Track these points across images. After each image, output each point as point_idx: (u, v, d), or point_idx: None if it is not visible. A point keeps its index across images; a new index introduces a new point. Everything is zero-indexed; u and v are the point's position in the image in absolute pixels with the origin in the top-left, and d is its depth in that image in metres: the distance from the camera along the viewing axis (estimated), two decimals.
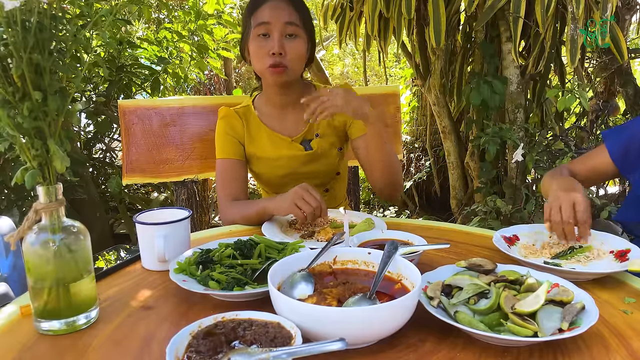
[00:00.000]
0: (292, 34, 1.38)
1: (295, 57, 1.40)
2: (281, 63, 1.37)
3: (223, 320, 0.74)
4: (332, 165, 1.57)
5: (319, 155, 1.52)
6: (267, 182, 1.58)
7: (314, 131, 1.52)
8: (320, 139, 1.52)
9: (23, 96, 0.73)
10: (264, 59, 1.38)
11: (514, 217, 2.32)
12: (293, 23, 1.38)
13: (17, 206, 2.56)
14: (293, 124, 1.52)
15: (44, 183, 0.78)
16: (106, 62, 3.06)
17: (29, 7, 0.71)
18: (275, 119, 1.53)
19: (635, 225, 1.35)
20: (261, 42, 1.38)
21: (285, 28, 1.37)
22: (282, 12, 1.37)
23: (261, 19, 1.38)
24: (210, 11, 3.73)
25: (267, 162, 1.52)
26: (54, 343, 0.78)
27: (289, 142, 1.51)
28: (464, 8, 2.67)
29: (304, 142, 1.52)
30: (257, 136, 1.52)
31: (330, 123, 1.52)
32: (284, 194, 1.29)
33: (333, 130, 1.53)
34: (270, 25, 1.37)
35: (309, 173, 1.52)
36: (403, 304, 0.73)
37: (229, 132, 1.51)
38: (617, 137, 1.32)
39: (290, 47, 1.38)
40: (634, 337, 0.79)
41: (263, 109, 1.54)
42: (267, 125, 1.52)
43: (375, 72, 7.16)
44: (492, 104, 2.40)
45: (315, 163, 1.53)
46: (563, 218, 1.09)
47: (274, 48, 1.36)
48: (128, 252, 1.14)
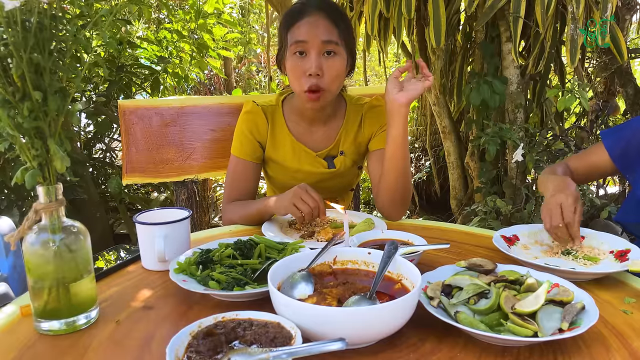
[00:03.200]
0: (330, 51, 1.31)
1: (334, 77, 1.33)
2: (318, 86, 1.30)
3: (223, 320, 0.74)
4: (349, 183, 1.56)
5: (340, 174, 1.49)
6: (279, 187, 1.54)
7: (339, 148, 1.48)
8: (344, 157, 1.48)
9: (23, 96, 0.73)
10: (300, 80, 1.32)
11: (514, 217, 2.32)
12: (331, 41, 1.30)
13: (17, 206, 2.56)
14: (320, 138, 1.48)
15: (44, 183, 0.78)
16: (106, 62, 3.06)
17: (29, 7, 0.71)
18: (303, 130, 1.47)
19: (634, 226, 1.35)
20: (298, 61, 1.31)
21: (323, 46, 1.29)
22: (320, 30, 1.29)
23: (298, 37, 1.30)
24: (210, 11, 3.73)
25: (284, 170, 1.48)
26: (54, 343, 0.78)
27: (313, 157, 1.46)
28: (464, 8, 2.67)
29: (328, 158, 1.48)
30: (280, 142, 1.46)
31: (356, 139, 1.48)
32: (283, 194, 1.28)
33: (357, 147, 1.49)
34: (307, 44, 1.29)
35: (324, 188, 1.46)
36: (403, 304, 0.73)
37: (251, 131, 1.45)
38: (616, 136, 1.32)
39: (328, 67, 1.31)
40: (634, 337, 0.79)
41: (291, 115, 1.47)
42: (293, 134, 1.46)
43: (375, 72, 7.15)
44: (492, 104, 2.40)
45: (333, 180, 1.50)
46: (552, 223, 1.10)
47: (311, 69, 1.29)
48: (128, 252, 1.14)
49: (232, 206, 1.41)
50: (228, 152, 1.52)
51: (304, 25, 1.30)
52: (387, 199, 1.36)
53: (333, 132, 1.48)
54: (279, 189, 1.55)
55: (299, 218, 1.23)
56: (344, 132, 1.48)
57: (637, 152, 1.28)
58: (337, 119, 1.49)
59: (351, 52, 1.39)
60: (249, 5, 6.24)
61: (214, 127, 1.83)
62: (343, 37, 1.34)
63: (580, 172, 1.34)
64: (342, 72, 1.36)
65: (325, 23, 1.30)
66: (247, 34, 6.03)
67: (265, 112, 1.46)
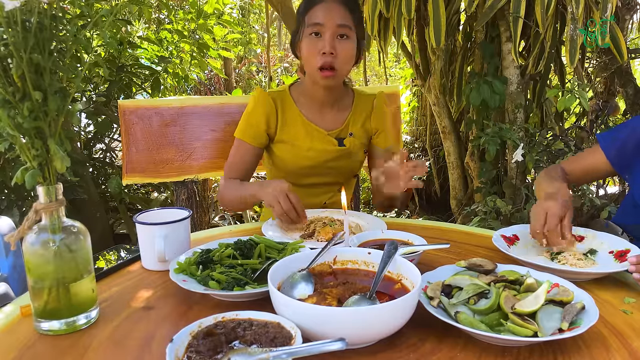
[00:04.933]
0: (343, 34, 1.39)
1: (346, 58, 1.41)
2: (332, 64, 1.38)
3: (223, 320, 0.74)
4: (356, 165, 1.62)
5: (349, 152, 1.55)
6: (289, 170, 1.57)
7: (348, 130, 1.55)
8: (353, 139, 1.55)
9: (23, 96, 0.73)
10: (315, 58, 1.39)
11: (514, 217, 2.32)
12: (346, 25, 1.38)
13: (17, 206, 2.56)
14: (330, 119, 1.54)
15: (44, 183, 0.78)
16: (106, 62, 3.06)
17: (29, 7, 0.71)
18: (313, 111, 1.54)
19: (633, 227, 1.35)
20: (313, 41, 1.39)
21: (337, 29, 1.37)
22: (336, 14, 1.38)
23: (314, 20, 1.38)
24: (210, 11, 3.73)
25: (296, 150, 1.53)
26: (54, 343, 0.78)
27: (325, 135, 1.52)
28: (464, 8, 2.67)
29: (338, 139, 1.54)
30: (291, 122, 1.52)
31: (364, 125, 1.56)
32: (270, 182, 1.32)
33: (365, 132, 1.57)
34: (323, 26, 1.37)
35: (333, 168, 1.55)
36: (403, 304, 0.73)
37: (257, 115, 1.51)
38: (612, 136, 1.32)
39: (342, 48, 1.39)
40: (634, 337, 0.79)
41: (301, 98, 1.54)
42: (304, 115, 1.53)
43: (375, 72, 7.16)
44: (492, 104, 2.40)
45: (343, 160, 1.55)
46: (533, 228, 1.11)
47: (325, 47, 1.36)
48: (128, 252, 1.14)
49: (228, 184, 1.50)
50: (228, 152, 1.53)
51: (320, 10, 1.39)
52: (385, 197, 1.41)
53: (342, 116, 1.56)
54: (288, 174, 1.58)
55: (276, 215, 1.27)
56: (352, 117, 1.56)
57: (634, 152, 1.27)
58: (346, 106, 1.57)
59: (361, 41, 1.47)
60: (249, 6, 6.24)
61: (214, 127, 1.83)
62: (355, 23, 1.42)
63: (576, 174, 1.34)
64: (353, 55, 1.44)
65: (340, 9, 1.39)
66: (247, 34, 6.03)
67: (274, 97, 1.53)
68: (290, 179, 1.57)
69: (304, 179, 1.56)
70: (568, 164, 1.37)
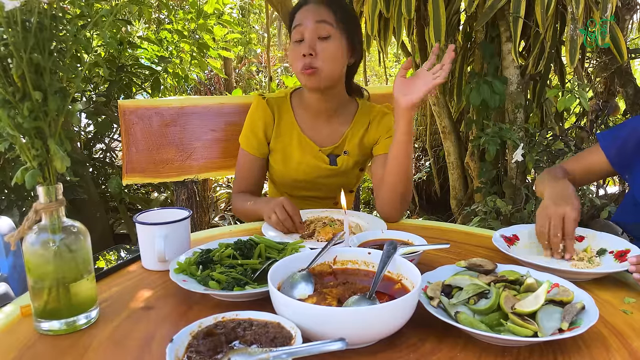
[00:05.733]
0: (325, 35, 1.36)
1: (328, 58, 1.36)
2: (311, 64, 1.35)
3: (223, 320, 0.74)
4: (350, 184, 1.58)
5: (341, 172, 1.52)
6: (281, 182, 1.56)
7: (343, 147, 1.50)
8: (347, 157, 1.51)
9: (23, 96, 0.73)
10: (296, 63, 1.37)
11: (514, 217, 2.32)
12: (325, 21, 1.35)
13: (17, 206, 2.56)
14: (326, 134, 1.51)
15: (44, 183, 0.78)
16: (106, 62, 3.06)
17: (29, 7, 0.71)
18: (309, 124, 1.51)
19: (632, 226, 1.35)
20: (296, 47, 1.37)
21: (316, 27, 1.35)
22: (314, 13, 1.36)
23: (296, 22, 1.38)
24: (210, 11, 3.73)
25: (288, 162, 1.50)
26: (54, 343, 0.78)
27: (317, 150, 1.49)
28: (464, 8, 2.67)
29: (331, 156, 1.50)
30: (286, 132, 1.50)
31: (361, 141, 1.51)
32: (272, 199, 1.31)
33: (361, 149, 1.52)
34: (302, 27, 1.36)
35: (324, 185, 1.52)
36: (403, 304, 0.73)
37: (256, 124, 1.49)
38: (612, 136, 1.32)
39: (322, 48, 1.35)
40: (634, 337, 0.79)
41: (299, 109, 1.52)
42: (300, 126, 1.50)
43: (375, 72, 7.16)
44: (492, 104, 2.40)
45: (334, 178, 1.52)
46: (550, 232, 1.08)
47: (304, 49, 1.34)
48: (128, 252, 1.14)
49: (240, 196, 1.49)
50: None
51: (301, 12, 1.39)
52: (387, 199, 1.36)
53: (339, 131, 1.51)
54: (281, 185, 1.57)
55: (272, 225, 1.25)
56: (350, 133, 1.51)
57: (634, 151, 1.28)
58: (345, 120, 1.52)
59: (351, 40, 1.42)
60: (249, 6, 6.24)
61: (214, 127, 1.83)
62: (341, 22, 1.38)
63: (577, 174, 1.34)
64: (337, 55, 1.39)
65: (319, 7, 1.38)
66: (247, 34, 6.04)
67: (271, 104, 1.50)
68: (285, 190, 1.57)
69: (296, 191, 1.54)
70: (568, 164, 1.37)
